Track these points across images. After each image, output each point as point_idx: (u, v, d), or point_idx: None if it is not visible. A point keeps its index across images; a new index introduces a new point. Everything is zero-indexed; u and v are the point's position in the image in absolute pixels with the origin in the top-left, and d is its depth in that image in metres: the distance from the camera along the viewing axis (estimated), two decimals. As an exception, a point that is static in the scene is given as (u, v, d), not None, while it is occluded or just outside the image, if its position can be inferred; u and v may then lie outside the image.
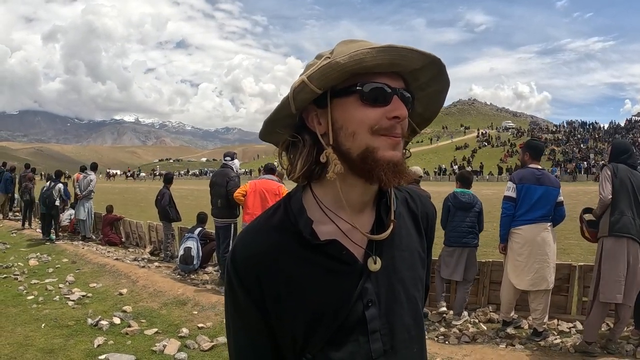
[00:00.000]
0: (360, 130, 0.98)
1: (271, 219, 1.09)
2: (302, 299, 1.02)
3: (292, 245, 1.04)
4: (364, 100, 0.98)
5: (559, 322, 5.81)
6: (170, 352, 5.33)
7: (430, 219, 1.24)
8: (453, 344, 5.36)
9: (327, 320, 1.01)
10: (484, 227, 6.36)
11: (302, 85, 0.98)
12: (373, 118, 0.98)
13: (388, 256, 1.07)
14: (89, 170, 13.71)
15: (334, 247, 1.03)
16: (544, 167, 6.16)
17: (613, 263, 4.81)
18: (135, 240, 12.78)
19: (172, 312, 6.73)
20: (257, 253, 1.05)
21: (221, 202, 8.23)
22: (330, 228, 1.05)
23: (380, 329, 1.03)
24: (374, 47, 0.95)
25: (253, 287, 1.04)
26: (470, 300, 6.43)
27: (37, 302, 7.32)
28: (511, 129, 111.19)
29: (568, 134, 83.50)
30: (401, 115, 0.98)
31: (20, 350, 5.41)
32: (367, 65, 0.94)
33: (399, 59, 0.95)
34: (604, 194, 4.94)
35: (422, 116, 1.11)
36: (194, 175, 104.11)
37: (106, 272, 9.21)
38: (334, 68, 0.95)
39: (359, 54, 0.94)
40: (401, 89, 1.00)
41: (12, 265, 10.04)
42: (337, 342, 1.02)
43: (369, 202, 1.09)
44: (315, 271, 1.03)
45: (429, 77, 1.03)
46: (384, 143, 0.98)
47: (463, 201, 6.17)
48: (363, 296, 1.03)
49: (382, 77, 0.98)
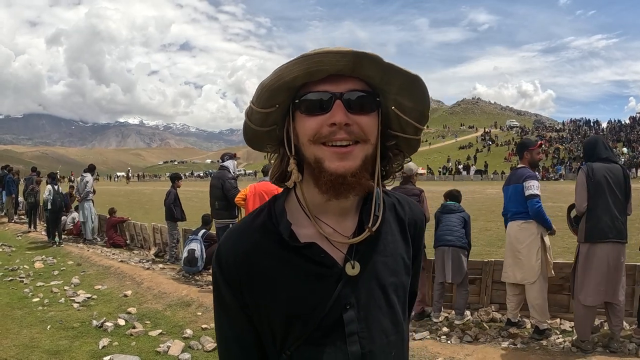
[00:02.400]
0: (304, 141, 1.02)
1: (254, 221, 1.13)
2: (281, 299, 1.05)
3: (273, 247, 1.07)
4: (302, 111, 1.01)
5: (561, 321, 5.80)
6: (174, 352, 5.36)
7: (418, 225, 1.24)
8: (455, 343, 5.37)
9: (304, 320, 1.04)
10: (487, 225, 6.38)
11: (250, 108, 1.06)
12: (310, 128, 1.00)
13: (369, 261, 1.09)
14: (84, 172, 13.75)
15: (313, 250, 1.05)
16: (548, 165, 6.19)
17: (589, 269, 4.86)
18: (140, 242, 12.82)
19: (177, 314, 6.77)
20: (239, 253, 1.08)
21: (219, 204, 8.30)
22: (311, 231, 1.07)
23: (358, 332, 1.05)
24: (292, 60, 0.96)
25: (236, 285, 1.08)
26: (473, 300, 6.45)
27: (42, 304, 7.38)
28: (515, 128, 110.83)
29: (572, 132, 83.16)
30: (336, 121, 0.97)
31: (26, 352, 5.45)
32: (286, 80, 0.98)
33: (315, 65, 0.95)
34: (578, 202, 5.00)
35: (416, 110, 1.07)
36: (198, 176, 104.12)
37: (111, 274, 9.26)
38: (261, 89, 1.01)
39: (277, 71, 0.98)
40: (350, 92, 0.99)
41: (18, 267, 10.11)
42: (315, 342, 1.05)
43: (350, 207, 1.11)
44: (294, 272, 1.05)
45: (379, 73, 1.00)
46: (327, 153, 0.99)
47: (449, 205, 6.43)
48: (341, 299, 1.05)
49: (325, 84, 0.99)
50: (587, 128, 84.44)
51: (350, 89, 0.99)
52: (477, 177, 56.30)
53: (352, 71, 0.98)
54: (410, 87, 1.03)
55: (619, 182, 4.90)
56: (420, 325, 6.03)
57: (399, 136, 1.11)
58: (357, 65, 0.97)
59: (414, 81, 1.03)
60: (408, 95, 1.04)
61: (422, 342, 5.40)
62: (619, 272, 4.86)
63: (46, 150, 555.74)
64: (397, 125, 1.09)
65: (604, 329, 5.42)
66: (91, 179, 13.37)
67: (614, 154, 5.33)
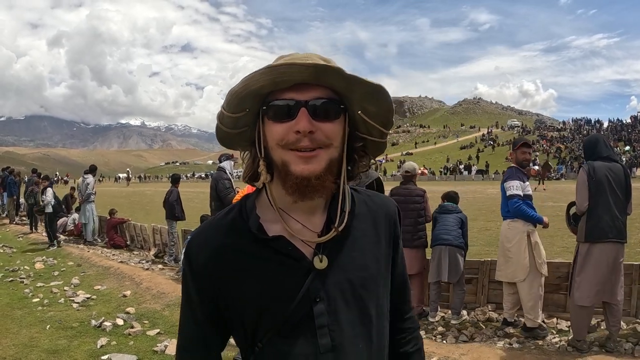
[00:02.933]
0: (272, 145, 1.07)
1: (226, 217, 1.17)
2: (251, 291, 1.09)
3: (243, 241, 1.10)
4: (269, 117, 1.06)
5: (558, 321, 5.82)
6: (172, 352, 5.38)
7: (391, 217, 1.26)
8: (451, 343, 5.40)
9: (274, 312, 1.08)
10: (487, 225, 6.40)
11: (221, 112, 1.10)
12: (278, 133, 1.04)
13: (337, 256, 1.12)
14: (85, 173, 13.76)
15: (280, 243, 1.09)
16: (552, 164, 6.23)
17: (587, 269, 4.85)
18: (140, 243, 12.87)
19: (175, 313, 6.79)
20: (209, 248, 1.12)
21: (215, 205, 8.36)
22: (280, 227, 1.11)
23: (328, 325, 1.08)
24: (258, 70, 1.00)
25: (204, 279, 1.12)
26: (469, 300, 6.46)
27: (42, 304, 7.42)
28: (517, 127, 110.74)
29: (573, 132, 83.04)
30: (300, 129, 1.01)
31: (25, 351, 5.49)
32: (253, 89, 1.02)
33: (279, 76, 1.00)
34: (578, 203, 4.99)
35: (380, 115, 1.11)
36: (200, 177, 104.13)
37: (110, 274, 9.31)
38: (232, 95, 1.05)
39: (245, 79, 1.02)
40: (314, 99, 1.03)
41: (19, 268, 10.15)
42: (286, 334, 1.08)
43: (318, 205, 1.14)
44: (264, 265, 1.09)
45: (342, 82, 1.04)
46: (293, 157, 1.03)
47: (446, 205, 6.46)
48: (311, 292, 1.08)
49: (290, 92, 1.03)
50: (589, 127, 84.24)
51: (315, 97, 1.03)
52: (478, 177, 56.30)
53: (316, 80, 1.02)
54: (374, 95, 1.07)
55: (620, 181, 4.89)
56: (417, 324, 6.03)
57: (366, 138, 1.15)
58: (321, 75, 1.00)
59: (376, 90, 1.06)
60: (371, 102, 1.08)
61: (418, 341, 5.41)
62: (617, 272, 4.86)
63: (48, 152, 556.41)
64: (364, 128, 1.13)
65: (600, 328, 5.43)
66: (92, 181, 13.38)
67: (614, 152, 5.32)
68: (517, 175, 5.55)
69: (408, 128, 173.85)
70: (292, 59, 1.01)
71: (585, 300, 4.86)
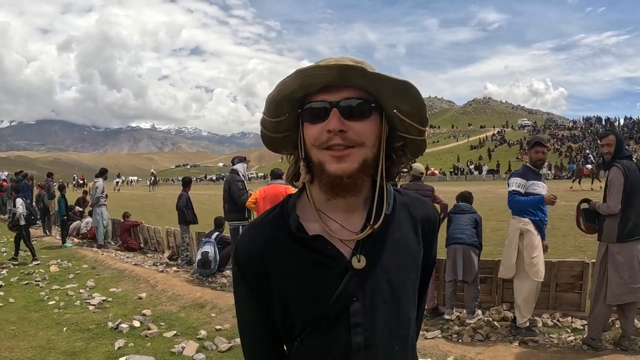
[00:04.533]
0: (310, 146, 1.12)
1: (268, 216, 1.23)
2: (292, 287, 1.14)
3: (284, 239, 1.15)
4: (305, 119, 1.11)
5: (572, 320, 5.81)
6: (189, 353, 5.44)
7: (431, 222, 1.29)
8: (466, 342, 5.40)
9: (311, 309, 1.12)
10: (499, 225, 6.41)
11: (262, 118, 1.16)
12: (313, 134, 1.09)
13: (376, 256, 1.15)
14: (96, 177, 13.78)
15: (319, 242, 1.13)
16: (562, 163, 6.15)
17: (622, 268, 4.78)
18: (154, 246, 12.92)
19: (191, 315, 6.85)
20: (253, 247, 1.18)
21: (228, 206, 8.46)
22: (319, 226, 1.14)
23: (362, 324, 1.12)
24: (291, 74, 1.06)
25: (251, 277, 1.18)
26: (484, 299, 6.46)
27: (58, 307, 7.50)
28: (527, 127, 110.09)
29: (584, 131, 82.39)
30: (331, 128, 1.05)
31: (42, 353, 5.56)
32: (286, 93, 1.08)
33: (307, 79, 1.05)
34: (613, 204, 4.84)
35: (413, 113, 1.12)
36: (211, 180, 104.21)
37: (125, 277, 9.38)
38: (269, 101, 1.11)
39: (279, 85, 1.08)
40: (344, 100, 1.06)
41: (34, 271, 10.27)
42: (322, 330, 1.13)
43: (358, 205, 1.17)
44: (303, 263, 1.13)
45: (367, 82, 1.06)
46: (327, 157, 1.08)
47: (461, 206, 6.52)
48: (348, 291, 1.11)
49: (322, 94, 1.08)
50: (599, 126, 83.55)
51: (345, 97, 1.07)
52: (489, 176, 56.02)
53: (343, 82, 1.06)
54: (402, 92, 1.09)
55: (639, 180, 4.88)
56: (432, 324, 6.06)
57: (405, 137, 1.17)
58: (345, 76, 1.04)
59: (403, 86, 1.08)
60: (402, 99, 1.10)
61: (433, 341, 5.43)
62: None
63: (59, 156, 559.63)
64: (401, 127, 1.15)
65: (615, 327, 5.41)
66: (102, 184, 13.39)
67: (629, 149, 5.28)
68: (523, 174, 5.53)
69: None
70: (320, 62, 1.05)
71: (616, 298, 4.82)
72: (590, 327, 5.04)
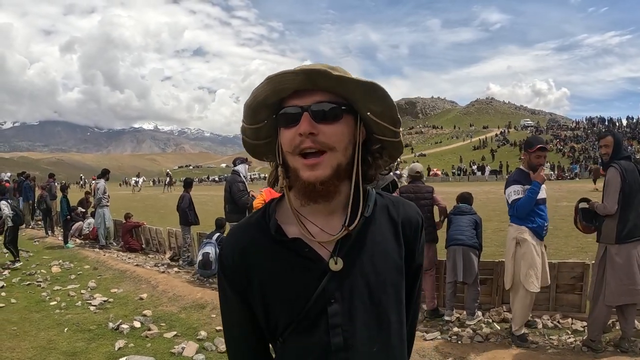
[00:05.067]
0: (285, 153, 1.13)
1: (251, 219, 1.25)
2: (271, 288, 1.16)
3: (265, 241, 1.17)
4: (280, 125, 1.12)
5: (572, 321, 5.80)
6: (189, 354, 5.45)
7: (413, 224, 1.28)
8: (466, 343, 5.40)
9: (290, 310, 1.14)
10: (500, 226, 6.40)
11: (242, 126, 1.18)
12: (287, 139, 1.11)
13: (353, 258, 1.16)
14: (98, 177, 13.84)
15: (297, 245, 1.15)
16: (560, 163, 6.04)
17: (620, 270, 4.75)
18: (155, 247, 12.94)
19: (191, 316, 6.86)
20: (236, 248, 1.20)
21: (229, 207, 8.48)
22: (298, 229, 1.17)
23: (341, 325, 1.13)
24: (263, 81, 1.07)
25: (235, 278, 1.20)
26: (485, 300, 6.46)
27: (59, 307, 7.53)
28: (530, 127, 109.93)
29: (587, 131, 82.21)
30: (302, 130, 1.06)
31: (43, 354, 5.58)
32: (259, 100, 1.09)
33: (278, 85, 1.06)
34: (609, 205, 4.82)
35: (385, 115, 1.14)
36: (213, 181, 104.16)
37: (127, 277, 9.40)
38: (245, 108, 1.13)
39: (253, 92, 1.10)
40: (316, 103, 1.08)
41: (35, 272, 10.30)
42: (303, 331, 1.14)
43: (336, 208, 1.18)
44: (283, 265, 1.16)
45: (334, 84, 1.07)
46: (300, 164, 1.10)
47: (461, 207, 6.49)
48: (326, 293, 1.13)
49: (294, 99, 1.09)
50: (602, 126, 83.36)
51: (316, 101, 1.08)
52: (492, 177, 55.98)
53: (313, 85, 1.07)
54: (370, 93, 1.10)
55: (638, 180, 4.85)
56: (431, 325, 6.06)
57: (382, 140, 1.19)
58: (312, 80, 1.06)
59: (371, 88, 1.09)
60: (373, 101, 1.11)
61: (432, 342, 5.43)
62: None
63: (62, 157, 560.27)
64: (377, 129, 1.17)
65: (615, 328, 5.40)
66: (103, 185, 13.39)
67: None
68: (518, 180, 5.30)
69: (421, 129, 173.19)
70: (285, 70, 1.07)
71: (614, 299, 4.80)
72: (590, 329, 5.04)
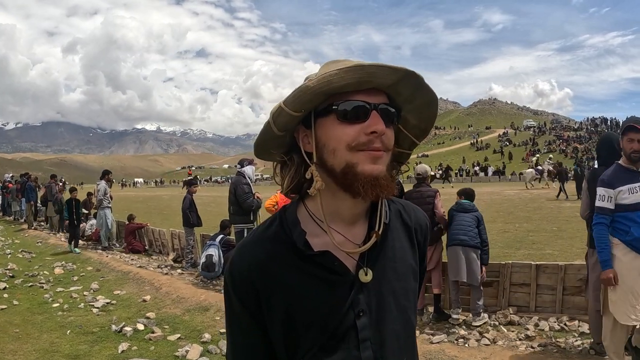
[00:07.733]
0: (339, 147, 1.03)
1: (267, 231, 1.14)
2: (295, 306, 1.07)
3: (287, 256, 1.08)
4: (340, 118, 1.03)
5: (579, 324, 5.75)
6: (193, 357, 5.41)
7: (423, 229, 1.26)
8: (473, 346, 5.36)
9: (319, 328, 1.06)
10: (505, 227, 6.34)
11: (280, 109, 1.04)
12: (350, 135, 1.02)
13: (380, 267, 1.11)
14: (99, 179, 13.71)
15: (326, 258, 1.07)
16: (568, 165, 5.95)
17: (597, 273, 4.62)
18: (159, 248, 12.94)
19: (195, 318, 6.82)
20: (252, 263, 1.10)
21: (233, 209, 8.40)
22: (323, 240, 1.09)
23: (371, 338, 1.07)
24: (343, 67, 0.98)
25: (247, 295, 1.10)
26: (491, 302, 6.41)
27: (62, 309, 7.49)
28: (533, 127, 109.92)
29: (589, 131, 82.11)
30: (378, 130, 1.00)
31: (46, 356, 5.54)
32: (335, 86, 0.99)
33: (367, 76, 0.99)
34: (581, 210, 4.89)
35: (418, 128, 1.13)
36: (216, 182, 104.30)
37: (130, 279, 9.36)
38: (304, 92, 1.01)
39: (326, 77, 0.99)
40: (382, 104, 1.03)
41: (38, 274, 10.27)
42: (329, 349, 1.06)
43: (360, 215, 1.13)
44: (309, 280, 1.07)
45: (410, 90, 1.05)
46: (362, 158, 1.02)
47: (463, 204, 6.41)
48: (354, 306, 1.07)
49: (360, 95, 1.02)
50: (605, 127, 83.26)
51: (382, 102, 1.04)
52: (494, 178, 56.00)
53: (389, 87, 1.03)
54: (426, 106, 1.09)
55: None
56: (437, 328, 6.02)
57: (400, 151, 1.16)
58: (399, 82, 1.02)
59: (432, 101, 1.08)
60: (418, 114, 1.10)
61: (439, 345, 5.39)
62: None
63: (65, 158, 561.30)
64: (400, 137, 1.13)
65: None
66: (104, 186, 13.29)
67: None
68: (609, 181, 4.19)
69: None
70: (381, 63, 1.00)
71: (597, 303, 4.76)
72: (593, 332, 4.99)
